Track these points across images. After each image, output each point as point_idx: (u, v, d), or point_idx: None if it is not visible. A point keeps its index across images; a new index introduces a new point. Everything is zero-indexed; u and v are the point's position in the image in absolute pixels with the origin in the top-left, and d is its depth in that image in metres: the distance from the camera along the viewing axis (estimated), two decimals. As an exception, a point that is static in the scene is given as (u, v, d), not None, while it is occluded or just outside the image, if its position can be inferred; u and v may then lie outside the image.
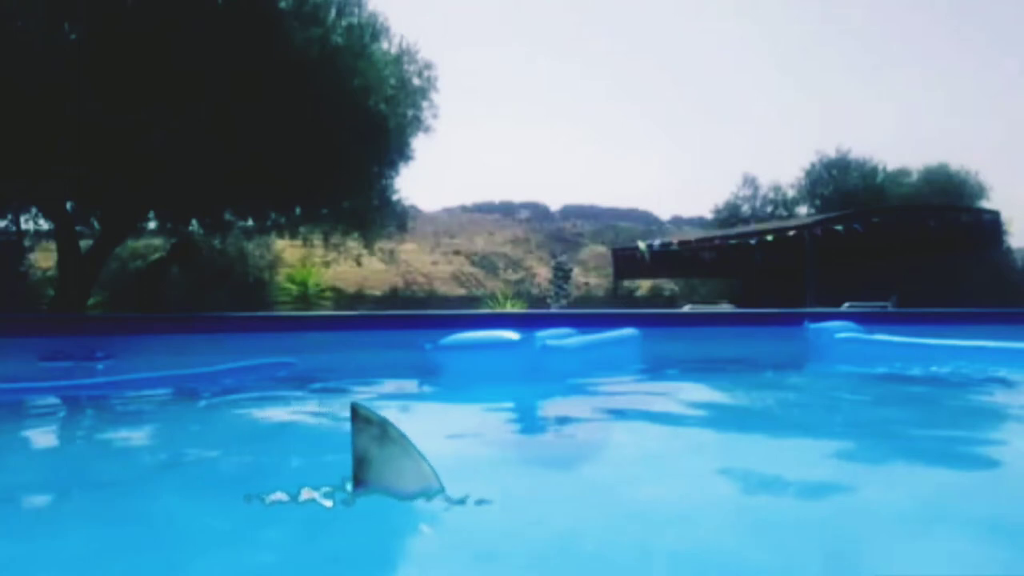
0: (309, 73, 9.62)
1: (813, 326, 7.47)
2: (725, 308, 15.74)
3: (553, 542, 1.82)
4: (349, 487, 1.92)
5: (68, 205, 11.23)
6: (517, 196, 36.72)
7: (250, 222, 12.73)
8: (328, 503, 1.88)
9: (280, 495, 1.88)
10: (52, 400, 4.94)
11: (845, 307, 12.20)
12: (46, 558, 1.85)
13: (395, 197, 12.22)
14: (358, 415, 1.93)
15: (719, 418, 4.51)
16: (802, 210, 25.88)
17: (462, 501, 1.97)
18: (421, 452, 1.92)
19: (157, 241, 14.72)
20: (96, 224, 12.00)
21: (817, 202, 25.59)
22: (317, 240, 13.18)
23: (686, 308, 17.65)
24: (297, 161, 9.99)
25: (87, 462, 3.24)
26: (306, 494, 1.90)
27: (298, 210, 12.20)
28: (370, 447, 1.91)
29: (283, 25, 9.55)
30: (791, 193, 26.63)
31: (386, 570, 1.86)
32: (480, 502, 1.99)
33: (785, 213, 25.96)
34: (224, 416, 4.55)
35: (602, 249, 28.84)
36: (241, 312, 11.53)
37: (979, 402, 5.03)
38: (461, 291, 24.22)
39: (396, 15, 11.73)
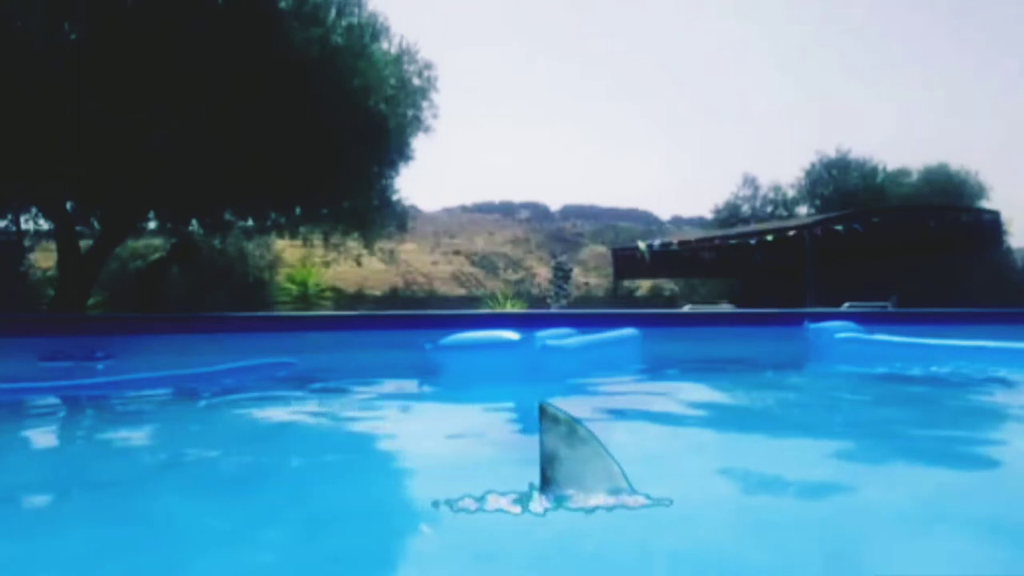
0: (309, 73, 9.62)
1: (813, 326, 7.47)
2: (725, 308, 15.74)
3: (553, 542, 1.82)
4: (537, 487, 1.86)
5: (68, 205, 11.24)
6: (517, 196, 36.72)
7: (250, 222, 12.74)
8: (516, 509, 1.81)
9: (469, 502, 1.85)
10: (52, 400, 4.93)
11: (845, 307, 12.20)
12: (46, 558, 1.85)
13: (395, 197, 12.23)
14: (546, 414, 1.87)
15: (719, 418, 4.50)
16: (802, 210, 25.87)
17: (461, 501, 1.96)
18: (609, 451, 1.89)
19: (157, 241, 14.73)
20: (96, 224, 12.01)
21: (817, 202, 25.59)
22: (317, 240, 13.18)
23: (686, 308, 17.64)
24: (297, 161, 9.99)
25: (87, 462, 3.23)
26: (493, 501, 1.84)
27: (298, 210, 12.20)
28: (559, 446, 1.88)
29: (283, 25, 9.55)
30: (791, 193, 26.66)
31: (384, 569, 1.86)
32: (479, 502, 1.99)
33: (785, 213, 25.95)
34: (224, 416, 4.54)
35: (602, 249, 28.83)
36: (241, 312, 11.53)
37: (979, 402, 5.02)
38: (461, 291, 24.21)
39: (396, 15, 11.75)
